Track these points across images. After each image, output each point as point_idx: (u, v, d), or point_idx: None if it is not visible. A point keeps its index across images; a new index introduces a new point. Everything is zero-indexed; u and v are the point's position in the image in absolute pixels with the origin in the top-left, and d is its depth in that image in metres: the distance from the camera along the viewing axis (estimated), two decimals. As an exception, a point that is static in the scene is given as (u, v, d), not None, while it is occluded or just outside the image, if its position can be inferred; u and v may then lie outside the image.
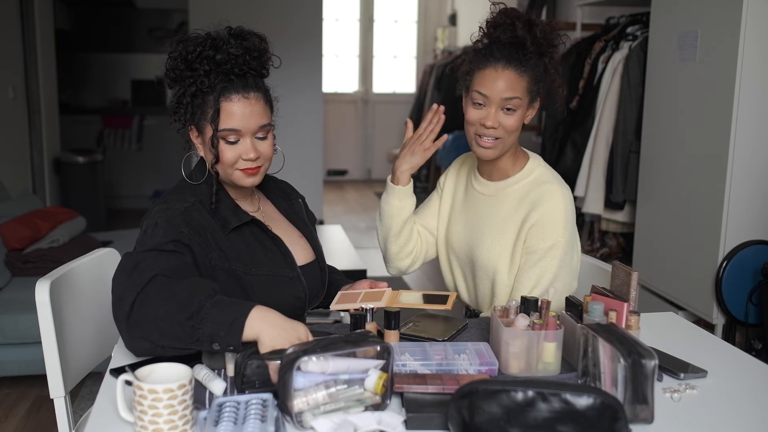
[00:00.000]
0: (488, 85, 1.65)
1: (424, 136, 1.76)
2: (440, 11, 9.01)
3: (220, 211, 1.58)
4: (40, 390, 3.01)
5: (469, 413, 1.12)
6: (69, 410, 1.63)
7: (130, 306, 1.31)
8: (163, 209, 1.52)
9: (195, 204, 1.55)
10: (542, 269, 1.68)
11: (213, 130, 1.52)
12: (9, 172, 4.49)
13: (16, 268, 3.32)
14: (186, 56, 1.53)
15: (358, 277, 3.32)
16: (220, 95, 1.51)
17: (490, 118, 1.66)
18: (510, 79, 1.64)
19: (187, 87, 1.53)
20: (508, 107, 1.65)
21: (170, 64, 1.55)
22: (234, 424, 1.12)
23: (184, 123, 1.59)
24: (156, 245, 1.42)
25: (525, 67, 1.65)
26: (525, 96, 1.66)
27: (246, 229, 1.60)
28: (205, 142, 1.55)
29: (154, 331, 1.29)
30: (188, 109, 1.54)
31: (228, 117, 1.51)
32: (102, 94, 7.35)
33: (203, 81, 1.51)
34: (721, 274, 2.79)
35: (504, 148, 1.70)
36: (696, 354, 1.51)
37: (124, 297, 1.33)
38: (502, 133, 1.67)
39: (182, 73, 1.54)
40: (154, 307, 1.30)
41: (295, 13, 5.89)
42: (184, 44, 1.54)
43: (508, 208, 1.75)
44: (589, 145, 3.68)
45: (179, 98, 1.56)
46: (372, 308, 1.53)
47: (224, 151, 1.53)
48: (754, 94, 2.72)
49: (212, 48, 1.52)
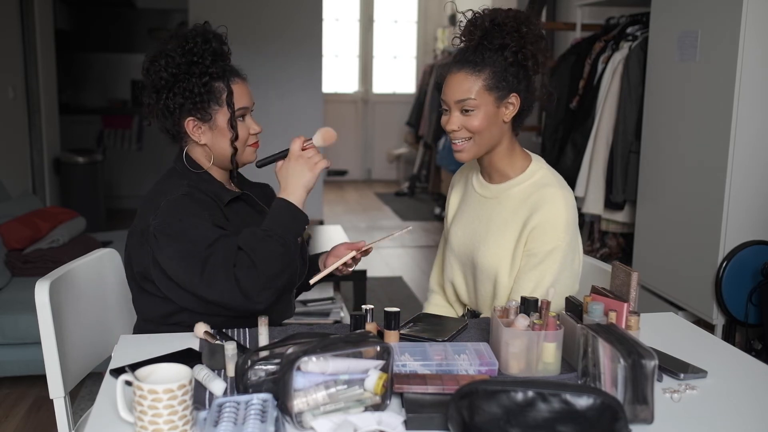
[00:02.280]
0: (445, 91, 1.69)
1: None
2: (440, 11, 9.01)
3: (215, 190, 1.70)
4: (40, 390, 3.01)
5: (469, 413, 1.12)
6: (69, 410, 1.63)
7: (262, 287, 1.51)
8: (174, 201, 1.59)
9: (191, 188, 1.65)
10: (542, 272, 1.68)
11: (231, 112, 1.66)
12: (9, 172, 4.49)
13: (16, 268, 3.32)
14: (186, 51, 1.62)
15: (358, 277, 3.32)
16: (228, 79, 1.67)
17: (451, 121, 1.68)
18: (461, 80, 1.65)
19: (197, 77, 1.63)
20: (465, 108, 1.66)
21: (167, 62, 1.63)
22: (234, 425, 1.11)
23: (180, 116, 1.66)
24: (208, 237, 1.55)
25: (480, 65, 1.65)
26: (483, 93, 1.65)
27: (236, 205, 1.73)
28: (218, 125, 1.67)
29: (278, 277, 1.54)
30: (202, 98, 1.64)
31: (239, 96, 1.68)
32: (102, 94, 7.34)
33: (212, 69, 1.64)
34: (721, 274, 2.79)
35: (479, 149, 1.70)
36: (696, 354, 1.51)
37: (249, 286, 1.51)
38: (468, 133, 1.68)
39: (187, 67, 1.63)
40: (266, 268, 1.52)
41: (295, 13, 5.89)
42: (176, 41, 1.64)
43: (509, 211, 1.74)
44: (589, 145, 3.68)
45: (188, 90, 1.63)
46: (371, 308, 1.53)
47: (239, 129, 1.68)
48: (754, 95, 2.71)
49: (204, 41, 1.64)
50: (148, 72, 1.67)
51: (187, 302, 1.62)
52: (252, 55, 5.52)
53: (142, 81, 1.70)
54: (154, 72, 1.65)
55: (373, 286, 4.61)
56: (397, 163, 9.03)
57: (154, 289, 1.65)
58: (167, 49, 1.64)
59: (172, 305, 1.65)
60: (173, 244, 1.55)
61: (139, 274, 1.65)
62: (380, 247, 5.78)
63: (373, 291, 4.52)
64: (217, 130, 1.68)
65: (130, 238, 1.69)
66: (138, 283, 1.68)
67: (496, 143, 1.72)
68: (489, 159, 1.75)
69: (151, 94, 1.68)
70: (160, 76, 1.64)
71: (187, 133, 1.68)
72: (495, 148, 1.73)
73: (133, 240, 1.66)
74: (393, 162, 9.05)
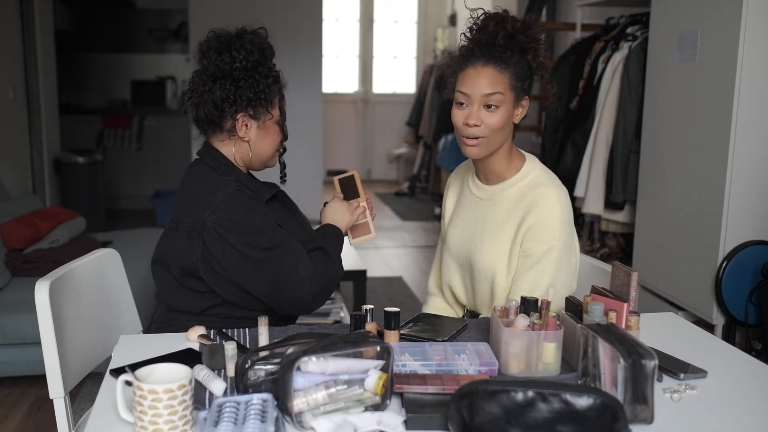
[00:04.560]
0: (468, 84, 1.66)
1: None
2: (440, 11, 9.01)
3: (257, 187, 1.76)
4: (40, 390, 3.01)
5: (469, 413, 1.12)
6: (69, 410, 1.62)
7: (325, 283, 1.67)
8: (231, 196, 1.64)
9: (240, 184, 1.69)
10: (539, 273, 1.68)
11: (281, 115, 1.77)
12: (9, 172, 4.49)
13: (16, 269, 3.32)
14: (260, 50, 1.70)
15: (358, 277, 3.32)
16: (280, 84, 1.76)
17: (472, 116, 1.66)
18: (490, 75, 1.65)
19: (264, 77, 1.70)
20: (490, 104, 1.65)
21: (243, 55, 1.67)
22: (234, 425, 1.11)
23: (236, 109, 1.69)
24: (274, 229, 1.64)
25: (506, 64, 1.65)
26: (507, 91, 1.66)
27: (272, 203, 1.79)
28: (266, 126, 1.74)
29: (335, 279, 1.74)
30: (264, 96, 1.70)
31: (285, 102, 1.78)
32: (102, 94, 7.35)
33: (275, 73, 1.74)
34: (721, 274, 2.79)
35: (490, 147, 1.70)
36: (696, 354, 1.51)
37: (322, 288, 1.67)
38: (486, 131, 1.67)
39: (257, 65, 1.69)
40: (327, 269, 1.70)
41: (295, 13, 5.89)
42: (248, 38, 1.70)
43: (504, 212, 1.74)
44: (589, 146, 3.68)
45: (254, 86, 1.68)
46: (371, 308, 1.53)
47: (279, 135, 1.78)
48: (753, 95, 2.71)
49: (270, 47, 1.74)
50: (216, 60, 1.67)
51: (231, 296, 1.67)
52: (252, 55, 5.51)
53: (199, 62, 1.71)
54: (222, 61, 1.66)
55: (373, 286, 4.61)
56: (397, 163, 9.03)
57: (195, 284, 1.67)
58: (243, 43, 1.68)
59: (211, 299, 1.68)
60: (241, 241, 1.60)
61: (183, 269, 1.67)
62: (380, 248, 5.78)
63: (373, 291, 4.52)
64: (263, 129, 1.73)
65: (171, 234, 1.70)
66: (177, 279, 1.69)
67: (503, 144, 1.72)
68: (488, 160, 1.75)
69: (207, 81, 1.68)
70: (232, 66, 1.66)
71: (234, 128, 1.71)
72: (500, 149, 1.73)
73: (178, 236, 1.67)
74: (393, 162, 9.05)
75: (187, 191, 1.73)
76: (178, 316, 1.72)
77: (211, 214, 1.61)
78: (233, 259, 1.61)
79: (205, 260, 1.63)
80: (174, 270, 1.69)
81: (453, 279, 1.88)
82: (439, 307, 1.96)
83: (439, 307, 1.96)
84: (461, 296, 1.88)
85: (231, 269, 1.62)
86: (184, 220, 1.66)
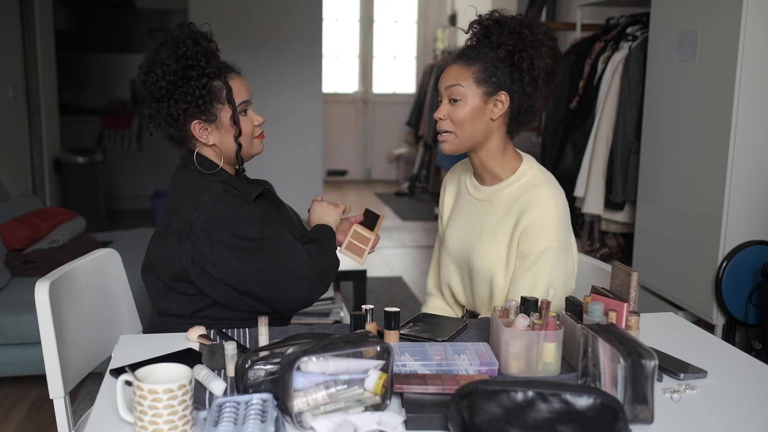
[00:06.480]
0: (440, 80, 1.73)
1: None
2: (440, 11, 9.01)
3: (242, 186, 1.73)
4: (40, 390, 3.01)
5: (469, 413, 1.12)
6: (69, 410, 1.62)
7: (322, 271, 1.66)
8: (217, 197, 1.63)
9: (225, 184, 1.67)
10: (536, 274, 1.68)
11: (232, 109, 1.68)
12: (9, 172, 4.49)
13: (16, 269, 3.32)
14: (180, 56, 1.62)
15: (358, 277, 3.32)
16: (225, 77, 1.68)
17: (439, 110, 1.71)
18: (455, 70, 1.70)
19: (195, 80, 1.64)
20: (454, 98, 1.68)
21: (163, 71, 1.63)
22: (234, 425, 1.11)
23: (185, 121, 1.66)
24: (264, 225, 1.63)
25: (473, 59, 1.68)
26: (471, 85, 1.67)
27: (260, 202, 1.76)
28: (223, 124, 1.69)
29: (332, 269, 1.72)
30: (204, 100, 1.65)
31: (238, 92, 1.70)
32: (102, 94, 7.34)
33: (208, 70, 1.65)
34: (721, 274, 2.79)
35: (462, 142, 1.71)
36: (696, 354, 1.51)
37: (320, 276, 1.65)
38: (452, 125, 1.69)
39: (184, 72, 1.63)
40: (323, 258, 1.69)
41: (295, 13, 5.88)
42: (168, 47, 1.64)
43: (500, 213, 1.74)
44: (589, 146, 3.68)
45: (189, 94, 1.63)
46: (371, 308, 1.53)
47: (243, 124, 1.71)
48: (753, 95, 2.71)
49: (195, 43, 1.65)
50: (145, 83, 1.66)
51: (223, 297, 1.65)
52: (252, 55, 5.52)
53: (139, 92, 1.70)
54: (151, 82, 1.65)
55: (373, 286, 4.61)
56: (397, 163, 9.03)
57: (186, 288, 1.66)
58: (161, 58, 1.64)
59: (201, 302, 1.67)
60: (231, 236, 1.59)
61: (173, 273, 1.65)
62: (380, 248, 5.77)
63: (373, 291, 4.52)
64: (223, 128, 1.70)
65: (160, 239, 1.69)
66: (166, 284, 1.68)
67: (481, 140, 1.71)
68: (479, 159, 1.75)
69: (152, 104, 1.68)
70: (158, 86, 1.64)
71: (194, 136, 1.70)
72: (482, 146, 1.73)
73: (167, 240, 1.66)
74: (393, 162, 9.05)
75: (173, 195, 1.73)
76: (170, 320, 1.70)
77: (198, 216, 1.60)
78: (224, 255, 1.60)
79: (195, 262, 1.62)
80: (164, 275, 1.67)
81: (452, 279, 1.88)
82: (439, 307, 1.96)
83: (438, 308, 1.96)
84: (460, 296, 1.88)
85: (223, 266, 1.61)
86: (173, 223, 1.66)
